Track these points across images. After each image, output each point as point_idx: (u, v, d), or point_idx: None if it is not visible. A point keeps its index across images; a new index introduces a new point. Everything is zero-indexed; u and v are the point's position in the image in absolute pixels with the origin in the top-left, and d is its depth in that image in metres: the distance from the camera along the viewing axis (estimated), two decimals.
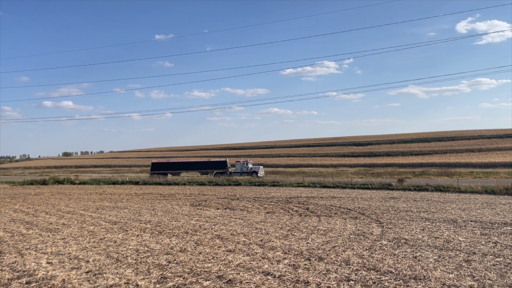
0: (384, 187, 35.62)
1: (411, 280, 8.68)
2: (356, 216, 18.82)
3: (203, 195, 31.97)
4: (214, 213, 20.97)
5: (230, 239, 13.58)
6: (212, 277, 9.13)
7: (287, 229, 15.43)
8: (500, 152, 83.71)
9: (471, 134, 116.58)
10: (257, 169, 55.31)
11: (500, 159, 70.89)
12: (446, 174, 53.37)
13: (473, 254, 10.95)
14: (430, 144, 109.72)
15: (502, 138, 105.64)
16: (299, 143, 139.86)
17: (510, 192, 29.04)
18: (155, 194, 33.56)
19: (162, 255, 11.42)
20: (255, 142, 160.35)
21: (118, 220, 18.61)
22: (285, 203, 24.70)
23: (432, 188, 33.21)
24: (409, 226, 15.69)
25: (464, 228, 15.10)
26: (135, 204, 25.64)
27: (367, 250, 11.66)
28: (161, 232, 15.21)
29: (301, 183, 40.59)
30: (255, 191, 34.94)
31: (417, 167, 69.66)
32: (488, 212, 19.37)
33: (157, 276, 9.31)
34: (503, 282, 8.47)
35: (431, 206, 22.04)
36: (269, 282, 8.70)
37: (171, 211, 21.75)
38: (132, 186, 45.24)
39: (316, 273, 9.35)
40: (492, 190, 30.10)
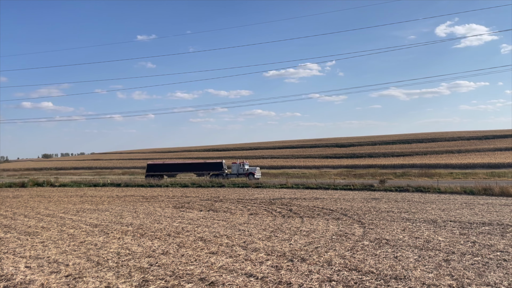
0: (366, 188, 36.02)
1: (392, 280, 8.79)
2: (338, 217, 18.97)
3: (186, 197, 31.78)
4: (197, 215, 20.86)
5: (213, 241, 13.52)
6: (194, 280, 9.07)
7: (270, 231, 15.45)
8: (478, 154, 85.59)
9: (451, 136, 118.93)
10: (254, 170, 54.85)
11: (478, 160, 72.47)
12: (427, 175, 54.27)
13: (452, 254, 11.16)
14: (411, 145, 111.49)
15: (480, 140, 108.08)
16: (283, 145, 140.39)
17: (488, 193, 29.70)
18: (137, 196, 33.21)
19: (143, 258, 11.30)
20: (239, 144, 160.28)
21: (99, 223, 18.34)
22: (268, 205, 24.74)
23: (413, 189, 33.73)
24: (390, 227, 15.89)
25: (444, 228, 15.37)
26: (116, 207, 25.31)
27: (349, 250, 11.76)
28: (143, 235, 15.05)
29: (285, 185, 40.72)
30: (238, 192, 34.90)
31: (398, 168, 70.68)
32: (467, 212, 19.77)
33: (138, 279, 9.20)
34: (481, 281, 8.65)
35: (412, 207, 22.38)
36: (251, 284, 8.69)
37: (153, 214, 21.55)
38: (114, 188, 44.67)
39: (299, 274, 9.38)
40: (471, 191, 30.74)
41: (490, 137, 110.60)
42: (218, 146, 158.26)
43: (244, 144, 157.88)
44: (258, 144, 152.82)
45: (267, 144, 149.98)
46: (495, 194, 29.16)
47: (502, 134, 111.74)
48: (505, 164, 65.91)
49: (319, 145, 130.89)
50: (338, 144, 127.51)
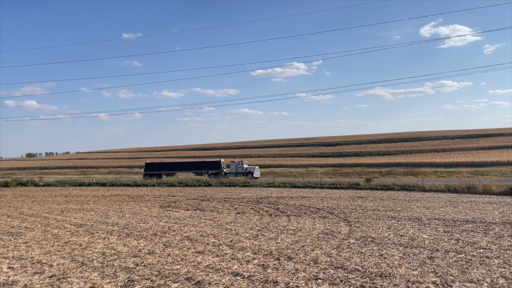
0: (352, 187, 36.28)
1: (377, 278, 8.88)
2: (325, 215, 19.08)
3: (172, 196, 31.61)
4: (183, 214, 20.76)
5: (200, 240, 13.48)
6: (180, 279, 9.03)
7: (257, 229, 15.46)
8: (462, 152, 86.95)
9: (435, 135, 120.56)
10: (253, 169, 54.18)
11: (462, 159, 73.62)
12: (412, 173, 54.94)
13: (436, 251, 11.31)
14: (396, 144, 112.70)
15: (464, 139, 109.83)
16: (270, 144, 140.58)
17: (471, 191, 30.19)
18: (123, 196, 32.92)
19: (129, 257, 11.21)
20: (226, 143, 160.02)
21: (84, 223, 18.13)
22: (255, 204, 24.76)
23: (398, 187, 34.10)
24: (376, 225, 16.04)
25: (428, 226, 15.58)
26: (102, 206, 25.05)
27: (335, 249, 11.84)
28: (129, 235, 14.92)
29: (272, 184, 40.79)
30: (225, 191, 34.85)
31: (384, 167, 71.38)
32: (451, 210, 20.06)
33: (124, 279, 9.12)
34: (464, 278, 8.78)
35: (397, 205, 22.62)
36: (238, 283, 8.69)
37: (139, 213, 21.38)
38: (99, 187, 44.20)
39: (285, 272, 9.41)
40: (454, 189, 31.20)
41: (473, 136, 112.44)
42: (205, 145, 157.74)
43: (232, 143, 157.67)
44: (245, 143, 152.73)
45: (254, 143, 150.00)
46: (478, 192, 29.65)
47: (485, 133, 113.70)
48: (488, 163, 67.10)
49: (306, 144, 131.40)
50: (325, 143, 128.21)
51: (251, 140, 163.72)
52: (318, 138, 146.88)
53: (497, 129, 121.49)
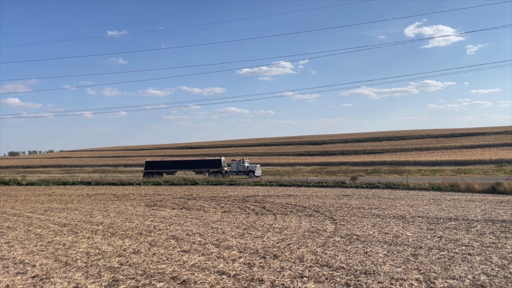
0: (338, 185, 36.54)
1: (362, 275, 8.97)
2: (311, 213, 19.19)
3: (158, 195, 31.41)
4: (169, 213, 20.66)
5: (186, 239, 13.43)
6: (166, 278, 8.99)
7: (243, 228, 15.48)
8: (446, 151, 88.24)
9: (420, 134, 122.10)
10: (254, 168, 52.69)
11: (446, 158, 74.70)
12: (396, 172, 55.56)
13: (419, 249, 11.48)
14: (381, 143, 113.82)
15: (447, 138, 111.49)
16: (257, 142, 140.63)
17: (454, 189, 30.69)
18: (108, 194, 32.59)
19: (114, 257, 11.11)
20: (213, 141, 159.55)
21: (68, 222, 17.90)
22: (242, 202, 24.76)
23: (383, 185, 34.47)
24: (361, 223, 16.19)
25: (412, 224, 15.79)
26: (86, 205, 24.77)
27: (321, 246, 11.92)
28: (114, 234, 14.79)
29: (258, 182, 40.84)
30: (212, 190, 34.78)
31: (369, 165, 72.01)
32: (434, 208, 20.37)
33: (108, 279, 9.04)
34: (446, 275, 8.94)
35: (382, 203, 22.87)
36: (223, 282, 8.69)
37: (124, 212, 21.20)
38: (84, 186, 43.69)
39: (271, 270, 9.44)
40: (438, 187, 31.68)
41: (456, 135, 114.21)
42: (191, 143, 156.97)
43: (218, 141, 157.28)
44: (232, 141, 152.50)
45: (241, 141, 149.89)
46: (461, 190, 30.16)
47: (468, 132, 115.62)
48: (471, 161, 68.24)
49: (292, 142, 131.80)
50: (311, 141, 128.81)
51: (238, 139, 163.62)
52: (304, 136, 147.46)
53: (480, 128, 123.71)
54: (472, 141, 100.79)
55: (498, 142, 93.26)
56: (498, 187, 28.82)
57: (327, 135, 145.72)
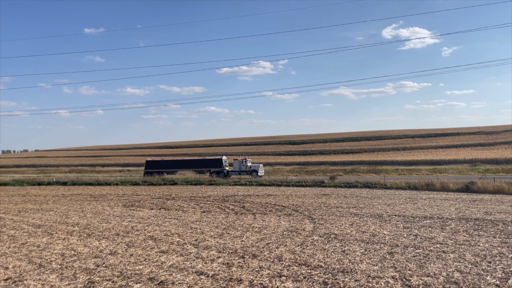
0: (317, 185, 36.83)
1: (339, 273, 9.07)
2: (290, 213, 19.28)
3: (136, 195, 31.03)
4: (147, 213, 20.43)
5: (164, 240, 13.31)
6: (143, 279, 8.89)
7: (223, 228, 15.44)
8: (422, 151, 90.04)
9: (397, 134, 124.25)
10: (257, 167, 51.07)
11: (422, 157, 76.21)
12: (374, 171, 56.37)
13: (396, 247, 11.68)
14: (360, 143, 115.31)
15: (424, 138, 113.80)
16: (237, 142, 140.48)
17: (430, 188, 31.35)
18: (85, 195, 32.01)
19: (90, 258, 10.92)
20: (192, 141, 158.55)
21: (42, 223, 17.50)
22: (221, 202, 24.69)
23: (361, 184, 34.92)
24: (339, 222, 16.37)
25: (389, 222, 16.05)
26: (62, 206, 24.26)
27: (299, 246, 12.00)
28: (90, 235, 14.53)
29: (238, 182, 40.80)
30: (191, 190, 34.56)
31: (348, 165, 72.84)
32: (411, 207, 20.76)
33: (83, 281, 8.88)
34: (422, 272, 9.12)
35: (360, 202, 23.17)
36: (202, 282, 8.64)
37: (101, 213, 20.86)
38: (60, 187, 42.77)
39: (250, 270, 9.45)
40: (414, 186, 32.30)
41: (432, 135, 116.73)
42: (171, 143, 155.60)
43: (198, 141, 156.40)
44: (212, 141, 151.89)
45: (221, 141, 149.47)
46: (437, 189, 30.84)
47: (443, 133, 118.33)
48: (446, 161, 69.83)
49: (272, 142, 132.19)
50: (291, 141, 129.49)
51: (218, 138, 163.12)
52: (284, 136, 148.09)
53: (455, 129, 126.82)
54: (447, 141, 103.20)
55: (472, 142, 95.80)
56: (472, 186, 29.59)
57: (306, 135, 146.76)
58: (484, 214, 17.70)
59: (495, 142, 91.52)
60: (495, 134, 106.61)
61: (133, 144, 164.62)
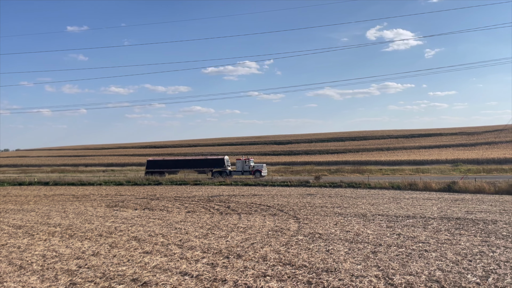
0: (302, 184, 36.99)
1: (323, 273, 9.12)
2: (275, 213, 19.32)
3: (120, 195, 30.69)
4: (131, 214, 20.23)
5: (148, 240, 13.20)
6: (126, 280, 8.79)
7: (207, 228, 15.38)
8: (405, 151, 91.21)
9: (381, 134, 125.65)
10: (261, 167, 50.32)
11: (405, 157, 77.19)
12: (358, 171, 56.88)
13: (379, 246, 11.80)
14: (344, 143, 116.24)
15: (407, 138, 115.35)
16: (222, 142, 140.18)
17: (413, 188, 31.78)
18: (67, 195, 31.54)
19: (72, 260, 10.75)
20: (177, 141, 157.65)
21: (23, 224, 17.18)
22: (206, 202, 24.60)
23: (346, 184, 35.20)
24: (323, 221, 16.46)
25: (372, 222, 16.21)
26: (43, 207, 23.85)
27: (284, 245, 12.02)
28: (72, 236, 14.32)
29: (223, 182, 40.72)
30: (176, 190, 34.35)
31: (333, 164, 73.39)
32: (394, 206, 21.01)
33: (65, 282, 8.74)
34: (404, 271, 9.23)
35: (344, 202, 23.35)
36: (186, 282, 8.59)
37: (84, 213, 20.57)
38: (41, 187, 42.06)
39: (234, 270, 9.43)
40: (398, 186, 32.70)
41: (415, 135, 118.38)
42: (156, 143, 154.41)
43: (183, 141, 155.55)
44: (197, 141, 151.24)
45: (207, 141, 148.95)
46: (419, 189, 31.28)
47: (426, 133, 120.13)
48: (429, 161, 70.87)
49: (258, 142, 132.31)
50: (277, 141, 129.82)
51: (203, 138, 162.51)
52: (270, 136, 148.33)
53: (437, 129, 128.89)
54: (430, 141, 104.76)
55: (454, 143, 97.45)
56: (454, 186, 30.10)
57: (292, 135, 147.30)
58: (465, 214, 18.01)
59: (476, 143, 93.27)
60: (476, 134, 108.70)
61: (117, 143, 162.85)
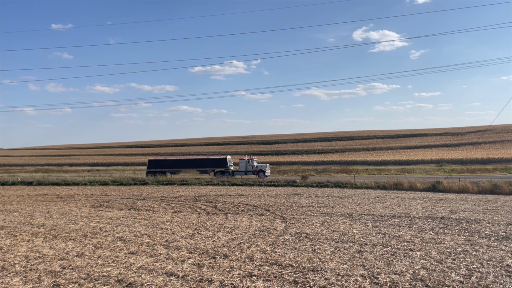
0: (289, 184, 37.09)
1: (309, 272, 9.15)
2: (262, 212, 19.33)
3: (105, 195, 30.36)
4: (117, 214, 20.03)
5: (133, 241, 13.07)
6: (111, 281, 8.69)
7: (194, 228, 15.31)
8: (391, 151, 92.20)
9: (367, 135, 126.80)
10: (264, 167, 49.36)
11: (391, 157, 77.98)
12: (345, 171, 57.27)
13: (365, 245, 11.89)
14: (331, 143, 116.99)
15: (393, 138, 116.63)
16: (209, 142, 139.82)
17: (398, 187, 32.13)
18: (51, 195, 31.08)
19: (56, 260, 10.59)
20: (164, 140, 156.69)
21: (6, 225, 16.87)
22: (193, 202, 24.49)
23: (332, 184, 35.41)
24: (310, 221, 16.53)
25: (358, 221, 16.33)
26: (27, 207, 23.46)
27: (271, 245, 12.03)
28: (56, 236, 14.11)
29: (210, 182, 40.59)
30: (162, 190, 34.12)
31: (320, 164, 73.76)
32: (380, 206, 21.20)
33: (48, 283, 8.61)
34: (389, 270, 9.32)
35: (331, 201, 23.48)
36: (172, 283, 8.54)
37: (68, 213, 20.30)
38: (25, 187, 41.37)
39: (220, 270, 9.40)
40: (383, 186, 33.02)
41: (401, 136, 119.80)
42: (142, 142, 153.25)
43: (170, 140, 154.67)
44: (184, 140, 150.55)
45: (193, 140, 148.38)
46: (404, 188, 31.64)
47: (411, 133, 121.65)
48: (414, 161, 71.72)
49: (245, 142, 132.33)
50: (264, 141, 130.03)
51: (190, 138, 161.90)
52: (257, 136, 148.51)
53: (422, 130, 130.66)
54: (415, 141, 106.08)
55: (439, 143, 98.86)
56: (438, 185, 30.52)
57: (279, 135, 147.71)
58: (450, 213, 18.27)
59: (460, 143, 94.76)
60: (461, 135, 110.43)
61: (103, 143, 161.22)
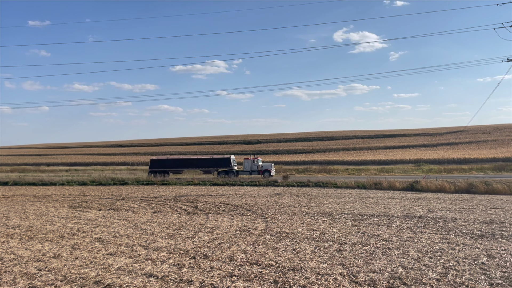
0: (270, 184, 37.20)
1: (290, 272, 9.18)
2: (243, 212, 19.31)
3: (84, 195, 29.85)
4: (95, 214, 19.70)
5: (112, 242, 12.88)
6: (88, 283, 8.54)
7: (174, 228, 15.19)
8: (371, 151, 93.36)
9: (347, 135, 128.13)
10: (270, 167, 48.71)
11: (370, 157, 78.96)
12: (326, 171, 57.74)
13: (344, 244, 12.01)
14: (312, 143, 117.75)
15: (372, 139, 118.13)
16: (190, 141, 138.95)
17: (378, 187, 32.58)
18: (28, 195, 30.37)
19: (31, 262, 10.35)
20: (144, 140, 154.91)
21: None
22: (173, 202, 24.29)
23: (313, 184, 35.67)
24: (290, 220, 16.60)
25: (338, 220, 16.49)
26: (2, 207, 22.86)
27: (251, 245, 12.03)
28: (32, 238, 13.79)
29: (191, 181, 40.37)
30: (142, 190, 33.75)
31: (301, 164, 74.14)
32: (359, 205, 21.45)
33: (24, 286, 8.40)
34: (368, 268, 9.43)
35: (311, 201, 23.63)
36: (151, 284, 8.44)
37: (45, 214, 19.87)
38: (0, 187, 40.32)
39: (200, 271, 9.35)
40: (363, 185, 33.43)
41: (380, 136, 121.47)
42: (121, 142, 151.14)
43: (150, 140, 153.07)
44: (165, 140, 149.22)
45: (174, 140, 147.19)
46: (384, 188, 32.11)
47: (390, 134, 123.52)
48: (393, 161, 72.80)
49: (227, 141, 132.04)
50: (245, 141, 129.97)
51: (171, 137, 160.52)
52: (239, 136, 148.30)
53: (401, 130, 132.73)
54: (394, 142, 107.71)
55: (417, 143, 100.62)
56: (416, 185, 31.09)
57: (260, 135, 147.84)
58: (427, 212, 18.62)
59: (438, 143, 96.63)
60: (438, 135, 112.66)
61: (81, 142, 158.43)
